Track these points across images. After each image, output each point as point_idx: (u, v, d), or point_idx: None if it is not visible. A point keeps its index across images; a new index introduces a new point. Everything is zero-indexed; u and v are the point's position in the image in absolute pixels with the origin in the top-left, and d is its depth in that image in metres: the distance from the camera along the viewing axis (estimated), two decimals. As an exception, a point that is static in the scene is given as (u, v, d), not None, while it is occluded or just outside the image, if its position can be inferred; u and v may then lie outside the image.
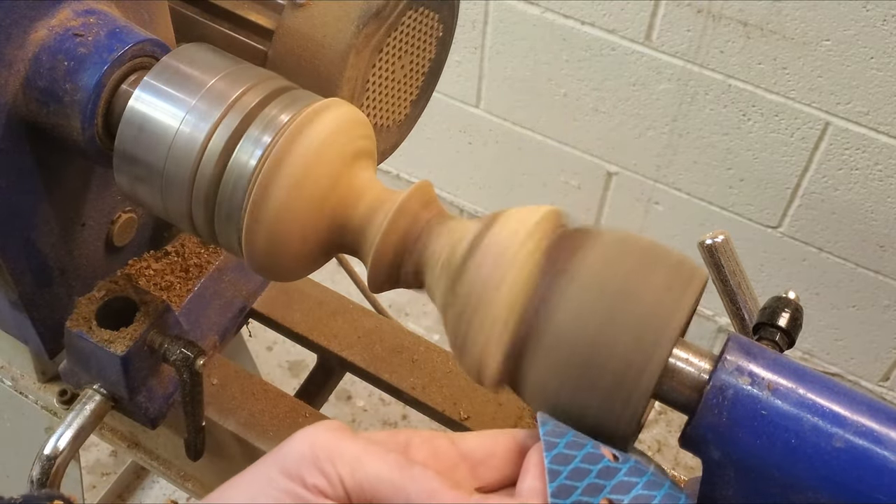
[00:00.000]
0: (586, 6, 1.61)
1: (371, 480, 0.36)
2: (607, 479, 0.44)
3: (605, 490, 0.43)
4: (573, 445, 0.44)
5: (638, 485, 0.44)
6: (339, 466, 0.36)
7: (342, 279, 1.12)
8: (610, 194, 1.87)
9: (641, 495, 0.44)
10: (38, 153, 0.62)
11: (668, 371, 0.47)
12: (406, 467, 0.37)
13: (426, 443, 0.43)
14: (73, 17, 0.59)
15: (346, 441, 0.38)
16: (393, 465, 0.37)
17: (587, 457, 0.44)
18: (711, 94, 1.60)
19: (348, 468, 0.36)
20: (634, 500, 0.43)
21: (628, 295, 0.45)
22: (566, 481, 0.42)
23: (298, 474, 0.37)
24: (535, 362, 0.46)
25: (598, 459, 0.44)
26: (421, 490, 0.36)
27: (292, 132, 0.53)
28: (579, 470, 0.43)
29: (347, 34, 0.65)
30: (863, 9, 1.37)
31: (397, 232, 0.52)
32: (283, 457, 0.37)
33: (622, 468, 0.44)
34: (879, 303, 1.71)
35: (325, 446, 0.37)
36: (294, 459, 0.37)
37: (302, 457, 0.37)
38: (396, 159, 0.80)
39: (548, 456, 0.43)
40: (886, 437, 0.44)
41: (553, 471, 0.42)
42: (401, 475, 0.36)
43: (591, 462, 0.44)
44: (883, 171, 1.53)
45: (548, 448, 0.43)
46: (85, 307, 0.71)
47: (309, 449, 0.37)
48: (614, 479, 0.44)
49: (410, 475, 0.37)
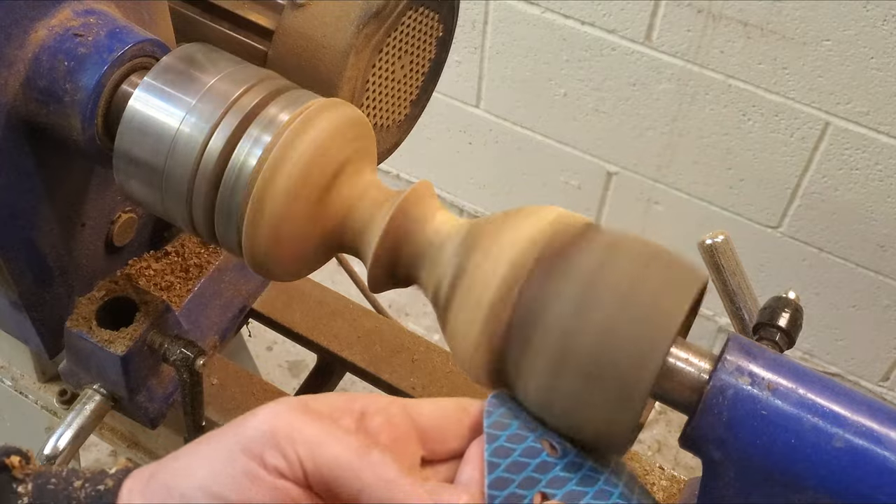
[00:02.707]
0: (586, 6, 1.61)
1: (330, 464, 0.37)
2: (543, 473, 0.45)
3: (541, 484, 0.45)
4: (515, 438, 0.45)
5: (572, 480, 0.46)
6: (299, 448, 0.37)
7: (342, 279, 1.12)
8: (610, 194, 1.87)
9: (574, 491, 0.45)
10: (38, 153, 0.62)
11: (668, 371, 0.47)
12: (364, 453, 0.37)
13: (381, 412, 0.43)
14: (73, 17, 0.59)
15: (307, 422, 0.38)
16: (352, 449, 0.37)
17: (527, 450, 0.45)
18: (711, 94, 1.60)
19: (308, 450, 0.37)
20: (567, 495, 0.45)
21: (627, 294, 0.45)
22: (503, 474, 0.44)
23: (259, 454, 0.37)
24: (531, 362, 0.46)
25: (538, 453, 0.46)
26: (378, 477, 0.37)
27: (292, 132, 0.53)
28: (518, 463, 0.45)
29: (347, 34, 0.65)
30: (863, 9, 1.37)
31: (397, 232, 0.52)
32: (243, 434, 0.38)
33: (559, 463, 0.46)
34: (879, 303, 1.71)
35: (286, 427, 0.37)
36: (254, 438, 0.37)
37: (263, 436, 0.37)
38: (396, 159, 0.80)
39: (488, 448, 0.44)
40: (886, 437, 0.44)
41: (492, 463, 0.44)
42: (359, 461, 0.37)
43: (529, 456, 0.45)
44: (883, 171, 1.53)
45: (489, 441, 0.44)
46: (85, 307, 0.71)
47: (270, 429, 0.37)
48: (550, 474, 0.45)
49: (368, 461, 0.37)
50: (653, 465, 0.78)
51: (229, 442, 0.37)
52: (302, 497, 0.37)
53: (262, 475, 0.36)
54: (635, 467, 0.78)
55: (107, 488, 0.39)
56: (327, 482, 0.37)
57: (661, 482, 0.77)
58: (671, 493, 0.77)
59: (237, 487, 0.36)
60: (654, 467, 0.78)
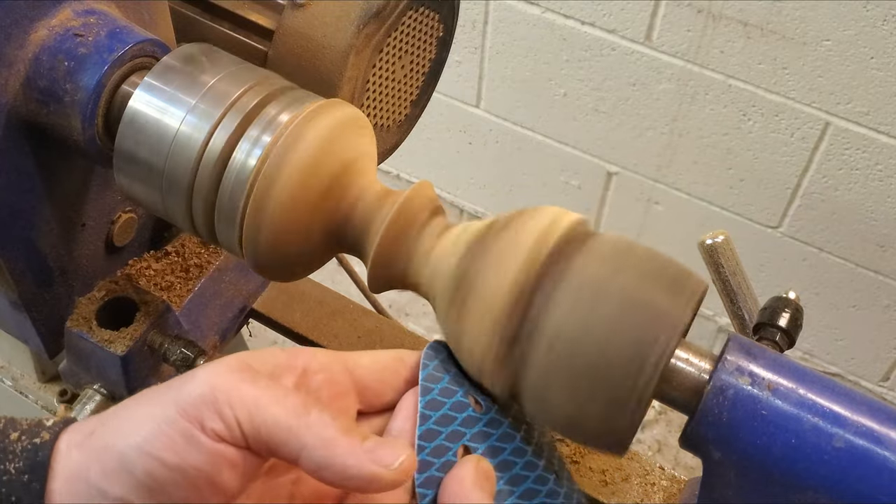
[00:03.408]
0: (586, 6, 1.61)
1: (268, 426, 0.37)
2: (469, 427, 0.47)
3: (465, 437, 0.47)
4: (446, 392, 0.47)
5: (493, 436, 0.48)
6: (238, 410, 0.37)
7: (342, 279, 1.12)
8: (610, 194, 1.87)
9: (495, 446, 0.48)
10: (38, 153, 0.62)
11: (669, 371, 0.47)
12: (303, 413, 0.37)
13: (323, 369, 0.44)
14: (74, 17, 0.59)
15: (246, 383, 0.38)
16: (290, 411, 0.37)
17: (455, 405, 0.47)
18: (711, 94, 1.60)
19: (246, 413, 0.37)
20: (489, 449, 0.47)
21: (629, 298, 0.45)
22: (434, 426, 0.46)
23: (197, 416, 0.37)
24: (534, 363, 0.46)
25: (465, 408, 0.48)
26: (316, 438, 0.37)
27: (292, 132, 0.53)
28: (447, 416, 0.46)
29: (347, 34, 0.65)
30: (863, 9, 1.37)
31: (397, 232, 0.52)
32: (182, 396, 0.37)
33: (483, 419, 0.48)
34: (879, 303, 1.71)
35: (225, 389, 0.37)
36: (193, 401, 0.37)
37: (201, 398, 0.37)
38: (396, 159, 0.81)
39: (422, 401, 0.46)
40: (886, 437, 0.44)
41: (424, 415, 0.46)
42: (298, 422, 0.37)
43: (457, 410, 0.47)
44: (883, 171, 1.53)
45: (423, 393, 0.46)
46: (85, 307, 0.71)
47: (209, 391, 0.37)
48: (474, 428, 0.48)
49: (307, 422, 0.37)
50: (653, 465, 0.78)
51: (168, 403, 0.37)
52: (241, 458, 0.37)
53: (201, 438, 0.37)
54: (635, 467, 0.78)
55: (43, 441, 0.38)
56: (266, 443, 0.37)
57: (661, 482, 0.77)
58: (671, 493, 0.77)
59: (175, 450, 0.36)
60: (654, 467, 0.78)
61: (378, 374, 0.46)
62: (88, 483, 0.37)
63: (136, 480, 0.36)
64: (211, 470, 0.37)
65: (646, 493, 0.76)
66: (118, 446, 0.37)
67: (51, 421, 0.40)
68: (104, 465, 0.37)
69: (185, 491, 0.36)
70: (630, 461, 0.78)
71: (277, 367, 0.42)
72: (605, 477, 0.76)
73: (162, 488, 0.36)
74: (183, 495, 0.36)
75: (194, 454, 0.36)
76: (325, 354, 0.45)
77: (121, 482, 0.36)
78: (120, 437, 0.37)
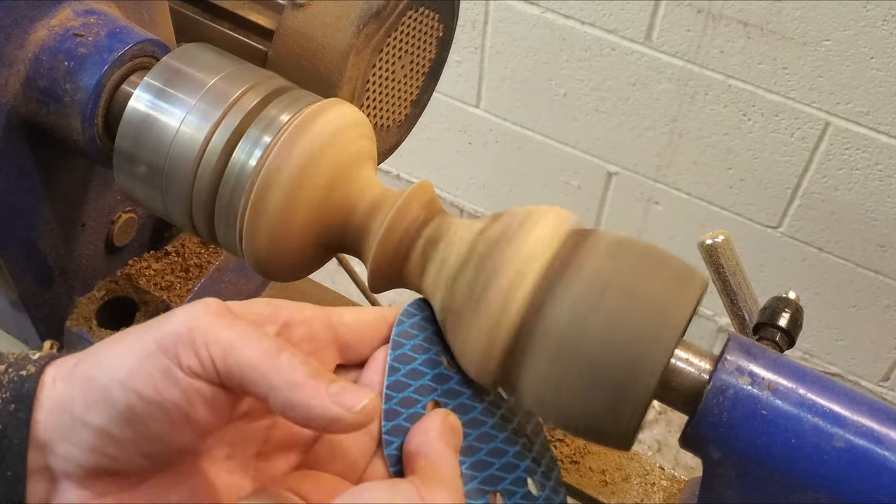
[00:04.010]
0: (586, 6, 1.61)
1: (241, 365, 0.39)
2: (440, 384, 0.48)
3: (436, 393, 0.48)
4: (418, 349, 0.48)
5: (464, 395, 0.49)
6: (213, 350, 0.39)
7: (342, 279, 1.12)
8: (610, 194, 1.87)
9: (466, 404, 0.49)
10: (38, 153, 0.62)
11: (669, 371, 0.47)
12: (274, 356, 0.39)
13: (305, 323, 0.45)
14: (74, 17, 0.59)
15: (223, 324, 0.40)
16: (262, 353, 0.39)
17: (427, 361, 0.48)
18: (711, 94, 1.60)
19: (220, 352, 0.39)
20: (459, 406, 0.48)
21: (629, 294, 0.45)
22: (403, 378, 0.47)
23: (175, 353, 0.39)
24: (534, 362, 0.46)
25: (437, 366, 0.49)
26: (284, 380, 0.38)
27: (292, 132, 0.53)
28: (417, 371, 0.47)
29: (347, 34, 0.66)
30: (863, 9, 1.37)
31: (397, 232, 0.52)
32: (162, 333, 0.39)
33: (455, 377, 0.49)
34: (879, 303, 1.71)
35: (202, 329, 0.39)
36: (172, 338, 0.39)
37: (179, 336, 0.39)
38: (396, 159, 0.81)
39: (392, 354, 0.47)
40: (886, 437, 0.44)
41: (393, 367, 0.46)
42: (268, 364, 0.39)
43: (428, 366, 0.48)
44: (883, 171, 1.53)
45: (394, 347, 0.47)
46: (85, 307, 0.71)
47: (187, 330, 0.39)
48: (445, 386, 0.49)
49: (276, 364, 0.39)
50: (653, 465, 0.78)
51: (148, 340, 0.39)
52: (214, 394, 0.39)
53: (177, 374, 0.38)
54: (635, 467, 0.78)
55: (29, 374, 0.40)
56: (238, 382, 0.39)
57: (661, 482, 0.77)
58: (671, 493, 0.77)
59: (153, 385, 0.38)
60: (654, 467, 0.78)
61: (360, 331, 0.47)
62: (73, 415, 0.39)
63: (117, 412, 0.38)
64: (186, 405, 0.38)
65: (646, 493, 0.76)
66: (101, 379, 0.39)
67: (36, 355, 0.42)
68: (87, 397, 0.39)
69: (161, 423, 0.38)
70: (630, 461, 0.78)
71: (260, 315, 0.44)
72: (605, 477, 0.76)
73: (140, 420, 0.38)
74: (158, 427, 0.38)
75: (171, 389, 0.38)
76: (309, 309, 0.46)
77: (103, 414, 0.38)
78: (103, 370, 0.39)
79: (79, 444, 0.38)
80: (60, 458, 0.39)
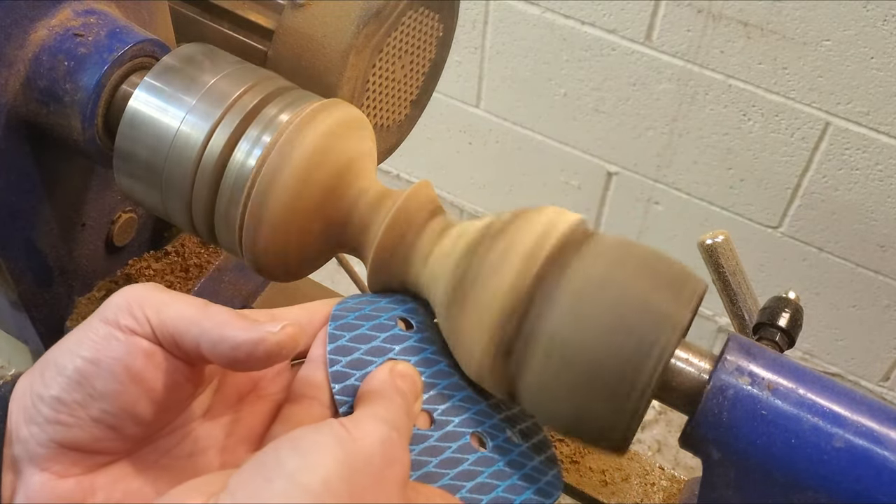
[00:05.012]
0: (586, 6, 1.61)
1: (174, 319, 0.42)
2: (395, 343, 0.48)
3: (392, 352, 0.48)
4: (364, 318, 0.49)
5: (427, 350, 0.49)
6: (147, 309, 0.43)
7: (342, 279, 1.12)
8: (610, 194, 1.87)
9: (430, 358, 0.49)
10: (38, 153, 0.62)
11: (669, 371, 0.47)
12: (203, 307, 0.43)
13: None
14: (74, 17, 0.59)
15: (157, 292, 0.44)
16: (192, 305, 0.43)
17: (376, 326, 0.49)
18: (711, 94, 1.60)
19: (154, 310, 0.43)
20: (423, 360, 0.48)
21: (628, 295, 0.45)
22: (347, 343, 0.47)
23: (114, 320, 0.43)
24: (533, 364, 0.46)
25: (388, 329, 0.49)
26: (213, 322, 0.42)
27: (292, 132, 0.53)
28: (364, 336, 0.48)
29: (347, 34, 0.66)
30: (863, 9, 1.37)
31: (397, 232, 0.52)
32: (103, 309, 0.44)
33: (413, 336, 0.49)
34: (879, 303, 1.71)
35: (138, 296, 0.43)
36: (111, 309, 0.43)
37: (118, 306, 0.43)
38: (396, 159, 0.81)
39: (332, 325, 0.48)
40: (886, 437, 0.44)
41: (334, 335, 0.47)
42: (198, 313, 0.42)
43: (379, 331, 0.48)
44: (883, 171, 1.53)
45: (334, 319, 0.48)
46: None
47: (124, 300, 0.43)
48: (403, 344, 0.49)
49: (206, 312, 0.42)
50: (653, 465, 0.78)
51: (91, 319, 0.44)
52: (152, 349, 0.43)
53: (116, 334, 0.42)
54: (635, 467, 0.78)
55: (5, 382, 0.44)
56: (172, 335, 0.42)
57: (661, 482, 0.77)
58: (671, 493, 0.77)
59: (96, 347, 0.42)
60: (654, 467, 0.78)
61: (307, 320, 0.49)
62: (31, 394, 0.42)
63: (66, 379, 0.41)
64: (126, 358, 0.42)
65: (646, 493, 0.76)
66: (53, 355, 0.43)
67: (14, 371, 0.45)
68: (43, 374, 0.42)
69: (105, 381, 0.41)
70: (630, 461, 0.78)
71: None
72: (605, 477, 0.76)
73: (88, 381, 0.41)
74: (103, 385, 0.41)
75: (112, 346, 0.42)
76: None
77: (55, 383, 0.41)
78: (57, 349, 0.43)
79: (36, 420, 0.41)
80: (22, 443, 0.41)
